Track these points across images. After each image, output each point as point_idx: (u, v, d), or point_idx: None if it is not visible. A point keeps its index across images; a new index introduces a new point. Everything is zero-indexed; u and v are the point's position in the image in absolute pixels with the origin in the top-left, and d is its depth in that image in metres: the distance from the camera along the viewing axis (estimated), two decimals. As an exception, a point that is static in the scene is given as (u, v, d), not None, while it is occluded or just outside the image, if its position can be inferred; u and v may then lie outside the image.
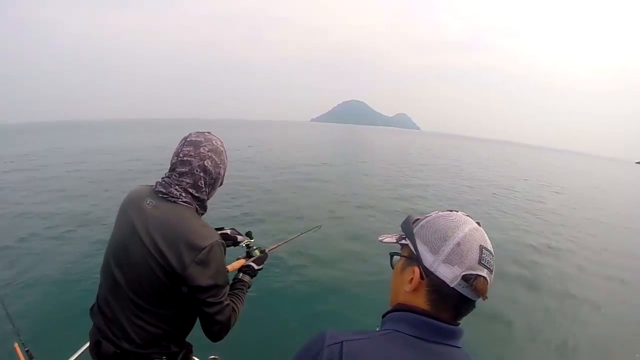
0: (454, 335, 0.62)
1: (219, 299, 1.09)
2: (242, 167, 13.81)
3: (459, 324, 0.63)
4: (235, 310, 1.17)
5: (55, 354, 1.78)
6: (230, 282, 1.29)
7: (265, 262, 1.48)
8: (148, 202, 1.09)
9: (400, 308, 0.65)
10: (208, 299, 1.06)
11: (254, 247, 1.50)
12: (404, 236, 0.70)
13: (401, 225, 0.72)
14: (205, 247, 1.02)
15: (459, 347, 0.62)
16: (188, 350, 1.21)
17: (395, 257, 0.73)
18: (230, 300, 1.17)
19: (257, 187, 10.33)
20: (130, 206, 1.12)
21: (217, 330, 1.11)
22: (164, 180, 1.13)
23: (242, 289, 1.31)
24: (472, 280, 0.59)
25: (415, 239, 0.66)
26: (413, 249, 0.66)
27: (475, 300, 0.63)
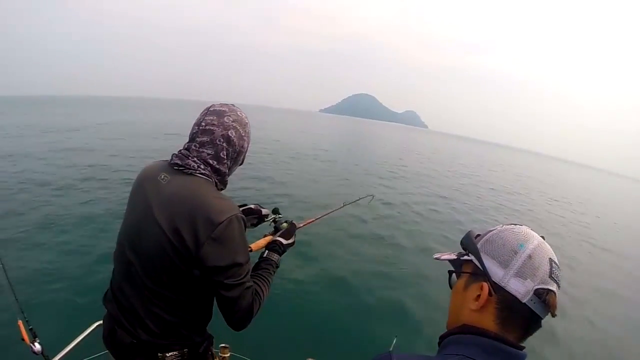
0: None
1: (240, 279, 0.96)
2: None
3: (524, 347, 0.60)
4: (259, 294, 1.04)
5: (61, 334, 1.74)
6: (257, 261, 1.18)
7: (296, 236, 1.31)
8: (162, 177, 1.00)
9: (467, 330, 0.62)
10: (226, 281, 0.94)
11: (282, 221, 1.34)
12: (465, 252, 0.68)
13: (462, 241, 0.70)
14: (222, 222, 0.92)
15: None
16: (209, 343, 1.12)
17: (455, 275, 0.71)
18: (254, 282, 1.05)
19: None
20: (144, 183, 1.03)
21: (238, 317, 1.00)
22: (180, 153, 1.03)
23: (268, 269, 1.16)
24: (544, 295, 0.58)
25: (481, 254, 0.64)
26: (479, 265, 0.63)
27: (542, 319, 0.61)
